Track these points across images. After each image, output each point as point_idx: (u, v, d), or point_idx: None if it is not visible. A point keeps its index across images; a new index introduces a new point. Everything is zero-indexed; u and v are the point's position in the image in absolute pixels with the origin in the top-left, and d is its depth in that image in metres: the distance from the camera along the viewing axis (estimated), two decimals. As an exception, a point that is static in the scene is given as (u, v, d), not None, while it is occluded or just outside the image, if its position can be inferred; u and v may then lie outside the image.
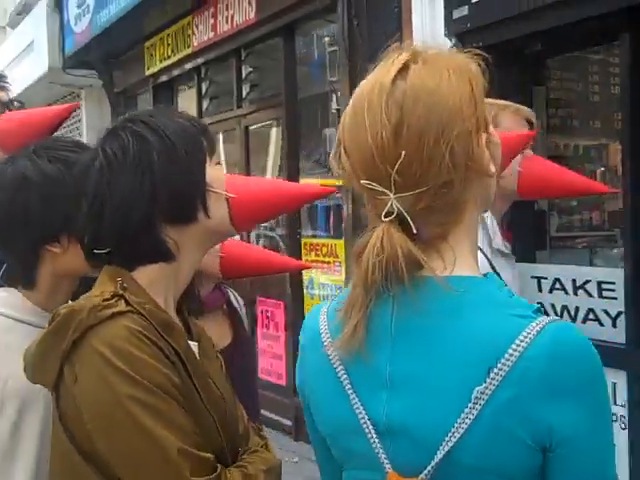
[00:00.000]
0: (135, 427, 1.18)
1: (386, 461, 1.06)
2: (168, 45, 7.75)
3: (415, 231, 1.04)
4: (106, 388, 1.19)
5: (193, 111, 7.80)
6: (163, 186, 1.29)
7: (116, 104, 9.53)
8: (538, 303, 3.87)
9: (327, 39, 5.74)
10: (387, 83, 1.08)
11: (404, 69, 1.09)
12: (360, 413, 1.08)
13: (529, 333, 1.00)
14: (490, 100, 2.22)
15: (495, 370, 1.00)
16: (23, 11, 11.86)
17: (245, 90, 6.90)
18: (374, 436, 1.07)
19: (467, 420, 1.00)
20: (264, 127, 6.67)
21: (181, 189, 1.31)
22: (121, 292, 1.26)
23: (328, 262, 5.60)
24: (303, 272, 5.81)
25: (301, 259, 5.77)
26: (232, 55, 6.88)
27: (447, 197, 1.06)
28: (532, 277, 3.94)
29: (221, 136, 7.03)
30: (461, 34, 4.14)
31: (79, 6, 8.65)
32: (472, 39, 4.10)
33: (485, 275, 1.11)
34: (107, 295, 1.25)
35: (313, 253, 5.80)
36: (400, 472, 1.05)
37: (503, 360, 1.00)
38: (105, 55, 9.11)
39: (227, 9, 6.55)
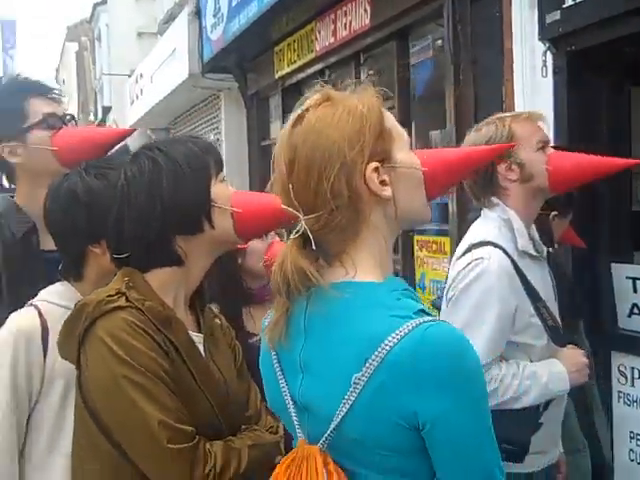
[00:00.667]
0: (126, 402, 1.49)
1: (299, 431, 1.33)
2: (294, 50, 8.13)
3: (314, 247, 1.30)
4: (105, 369, 1.51)
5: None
6: (171, 202, 1.59)
7: (250, 105, 10.04)
8: (633, 304, 3.96)
9: (439, 42, 5.91)
10: (288, 127, 1.35)
11: (303, 115, 1.34)
12: (285, 393, 1.35)
13: (401, 331, 1.21)
14: (504, 115, 2.41)
15: (370, 361, 1.22)
16: (169, 20, 12.64)
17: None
18: (293, 412, 1.34)
19: (349, 401, 1.24)
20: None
21: (187, 205, 1.60)
22: (124, 290, 1.56)
23: (437, 258, 5.80)
24: (415, 268, 6.03)
25: (413, 255, 6.02)
26: (351, 59, 7.16)
27: (339, 220, 1.30)
28: (627, 277, 4.00)
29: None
30: (554, 38, 4.24)
31: (214, 15, 9.20)
32: (565, 43, 4.20)
33: (385, 279, 1.33)
34: (112, 292, 1.56)
35: (424, 249, 6.00)
36: (308, 441, 1.31)
37: (376, 352, 1.21)
38: (239, 60, 9.62)
39: (345, 15, 6.84)
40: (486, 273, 2.27)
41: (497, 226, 2.39)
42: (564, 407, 2.50)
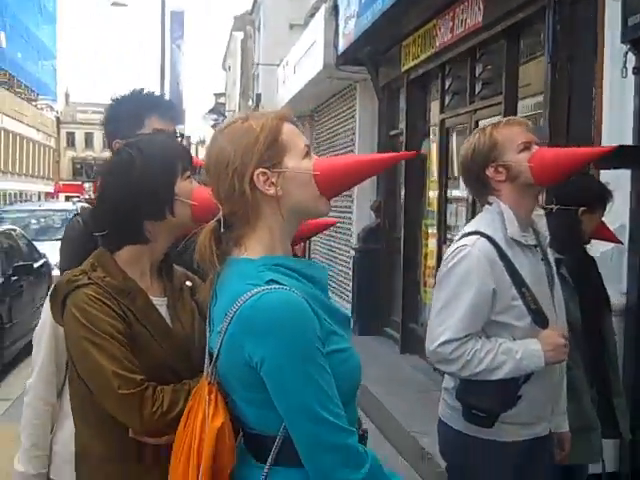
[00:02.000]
0: (87, 357, 1.92)
1: (205, 372, 1.74)
2: (418, 46, 8.39)
3: (222, 230, 1.71)
4: (73, 332, 1.95)
5: (437, 107, 8.41)
6: (140, 193, 1.99)
7: (381, 96, 10.36)
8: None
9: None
10: (210, 140, 1.79)
11: (222, 130, 1.76)
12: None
13: (248, 295, 1.60)
14: (486, 125, 2.65)
15: (227, 315, 1.62)
16: (313, 13, 13.16)
17: (478, 88, 7.34)
18: (207, 357, 1.74)
19: (219, 344, 1.65)
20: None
21: (154, 196, 2.00)
22: (88, 270, 2.00)
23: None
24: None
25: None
26: (467, 54, 7.35)
27: (239, 212, 1.71)
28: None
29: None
30: (635, 40, 4.32)
31: (347, 11, 9.60)
32: (644, 44, 4.28)
33: (264, 258, 1.69)
34: (77, 273, 2.00)
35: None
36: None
37: (230, 309, 1.62)
38: (372, 53, 9.97)
39: (462, 13, 7.04)
40: (466, 258, 2.57)
41: (491, 218, 2.66)
42: (554, 385, 2.71)
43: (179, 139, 2.70)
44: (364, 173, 1.83)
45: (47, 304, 2.17)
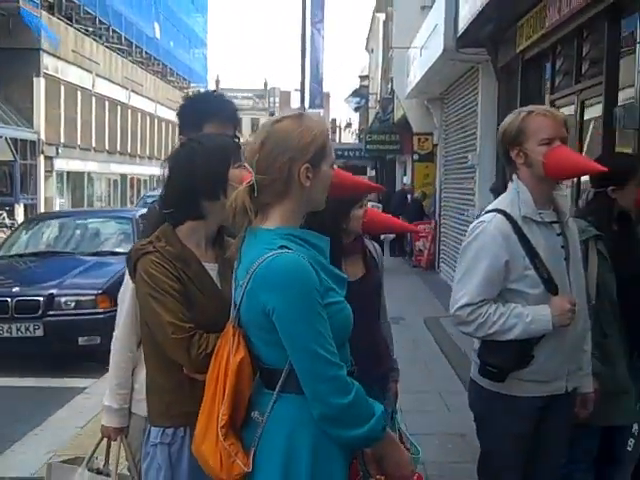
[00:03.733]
0: (150, 309, 2.38)
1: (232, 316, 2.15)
2: (530, 26, 8.46)
3: (256, 194, 2.09)
4: (140, 289, 2.43)
5: (546, 86, 8.45)
6: (200, 178, 2.42)
7: (501, 78, 10.45)
8: None
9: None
10: (271, 121, 2.16)
11: (281, 119, 2.15)
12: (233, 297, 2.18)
13: (264, 257, 2.01)
14: (527, 108, 2.88)
15: (248, 273, 2.03)
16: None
17: (584, 68, 7.37)
18: (233, 309, 2.16)
19: (239, 297, 2.08)
20: (594, 104, 7.10)
21: (210, 180, 2.43)
22: (153, 240, 2.45)
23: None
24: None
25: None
26: (574, 34, 7.39)
27: (275, 185, 2.09)
28: None
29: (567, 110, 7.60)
30: None
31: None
32: None
33: (280, 228, 2.08)
34: (145, 242, 2.46)
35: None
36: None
37: (251, 268, 2.03)
38: (491, 34, 10.06)
39: (567, -7, 7.10)
40: (482, 233, 2.89)
41: (511, 196, 2.93)
42: (571, 347, 2.93)
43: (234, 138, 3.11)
44: (352, 188, 2.58)
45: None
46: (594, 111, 7.03)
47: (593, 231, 3.38)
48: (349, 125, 70.31)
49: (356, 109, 43.09)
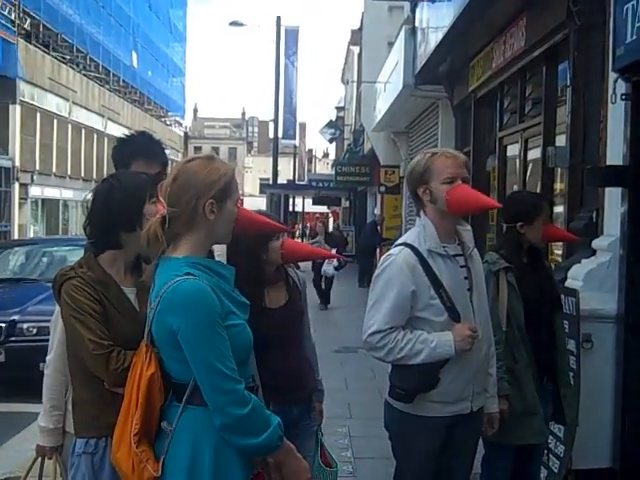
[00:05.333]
0: (72, 328, 2.63)
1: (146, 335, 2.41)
2: (480, 67, 8.87)
3: (167, 225, 2.36)
4: (63, 311, 2.66)
5: (495, 123, 8.83)
6: (118, 212, 2.70)
7: (457, 114, 10.85)
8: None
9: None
10: (181, 162, 2.47)
11: (193, 159, 2.46)
12: None
13: (171, 282, 2.28)
14: (432, 150, 3.18)
15: (157, 298, 2.30)
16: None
17: (527, 107, 7.77)
18: (147, 324, 2.41)
19: (151, 318, 2.34)
20: (536, 142, 7.47)
21: (128, 212, 2.70)
22: (75, 267, 2.72)
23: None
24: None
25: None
26: (518, 76, 7.79)
27: (183, 217, 2.37)
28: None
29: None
30: (622, 69, 4.71)
31: (422, 32, 10.17)
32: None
33: (187, 257, 2.36)
34: (67, 268, 2.73)
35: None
36: None
37: (159, 293, 2.30)
38: (447, 72, 10.49)
39: (511, 37, 7.50)
40: (391, 265, 3.17)
41: (417, 231, 3.23)
42: (474, 371, 3.21)
43: (161, 174, 3.36)
44: (255, 226, 2.92)
45: None
46: (536, 149, 7.40)
47: (503, 263, 3.69)
48: (326, 155, 70.86)
49: (330, 140, 43.43)
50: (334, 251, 13.83)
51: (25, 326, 7.96)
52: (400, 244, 3.24)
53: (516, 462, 3.83)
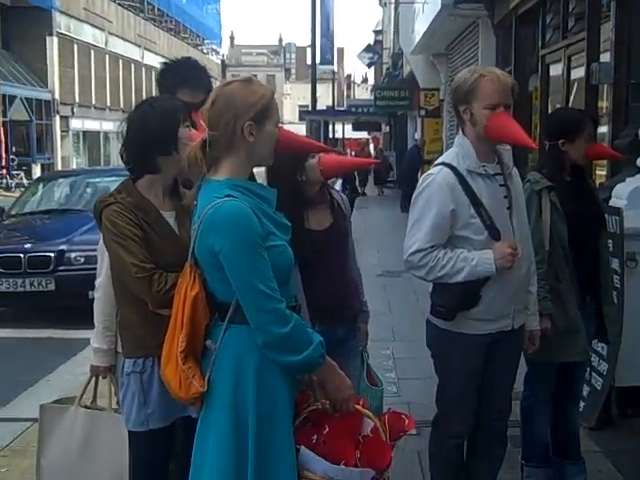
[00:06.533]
0: (115, 253, 2.70)
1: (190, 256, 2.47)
2: (522, -18, 8.61)
3: (207, 148, 2.39)
4: (105, 236, 2.73)
5: (537, 41, 8.61)
6: (153, 136, 2.72)
7: (498, 33, 10.59)
8: None
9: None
10: (222, 84, 2.48)
11: (232, 82, 2.46)
12: None
13: (212, 204, 2.31)
14: (484, 70, 3.11)
15: (199, 218, 2.34)
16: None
17: (570, 23, 7.55)
18: (190, 245, 2.46)
19: (194, 238, 2.38)
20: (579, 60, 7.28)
21: (163, 136, 2.73)
22: (114, 193, 2.77)
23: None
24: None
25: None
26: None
27: (223, 140, 2.39)
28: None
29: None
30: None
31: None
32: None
33: (228, 179, 2.38)
34: (107, 195, 2.78)
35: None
36: None
37: (201, 214, 2.34)
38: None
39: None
40: (430, 185, 3.17)
41: (457, 151, 3.22)
42: (516, 288, 3.22)
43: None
44: (295, 146, 2.88)
45: None
46: (580, 67, 7.22)
47: (546, 182, 3.65)
48: (365, 81, 69.89)
49: (369, 64, 42.86)
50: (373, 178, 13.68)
51: (73, 255, 8.13)
52: (439, 163, 3.23)
53: (558, 380, 3.85)
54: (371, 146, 43.62)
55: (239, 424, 2.36)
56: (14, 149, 28.01)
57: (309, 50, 27.36)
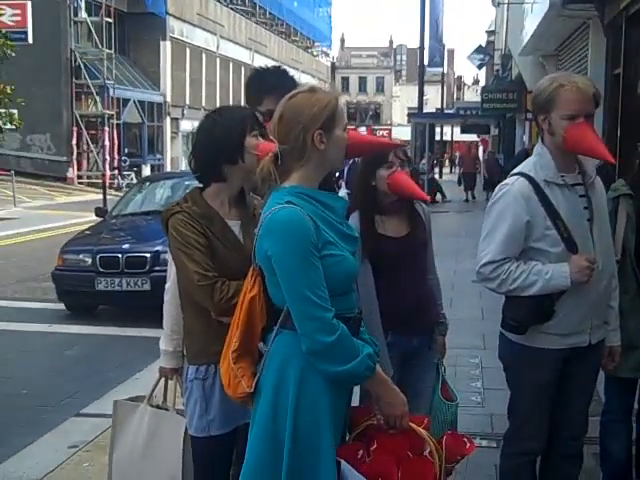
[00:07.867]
0: (179, 261, 2.72)
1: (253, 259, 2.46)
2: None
3: (280, 162, 2.39)
4: (171, 244, 2.76)
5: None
6: (220, 144, 2.73)
7: (608, 34, 10.17)
8: None
9: None
10: (287, 97, 2.46)
11: (296, 94, 2.45)
12: None
13: (272, 210, 2.31)
14: (565, 78, 2.96)
15: (260, 223, 2.35)
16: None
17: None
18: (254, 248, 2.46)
19: (255, 242, 2.39)
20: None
21: (228, 145, 2.74)
22: (181, 202, 2.78)
23: None
24: None
25: None
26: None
27: (294, 152, 2.38)
28: None
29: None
30: None
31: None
32: None
33: (293, 187, 2.37)
34: (174, 204, 2.80)
35: None
36: None
37: (262, 219, 2.34)
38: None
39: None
40: (505, 196, 3.06)
41: (534, 161, 3.09)
42: (593, 302, 3.06)
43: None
44: (368, 148, 2.88)
45: None
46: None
47: (625, 190, 3.49)
48: (476, 82, 68.93)
49: (479, 66, 42.18)
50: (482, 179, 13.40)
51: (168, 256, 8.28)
52: (516, 174, 3.11)
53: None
54: (480, 148, 42.96)
55: (277, 431, 2.36)
56: (127, 150, 29.05)
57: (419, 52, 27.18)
